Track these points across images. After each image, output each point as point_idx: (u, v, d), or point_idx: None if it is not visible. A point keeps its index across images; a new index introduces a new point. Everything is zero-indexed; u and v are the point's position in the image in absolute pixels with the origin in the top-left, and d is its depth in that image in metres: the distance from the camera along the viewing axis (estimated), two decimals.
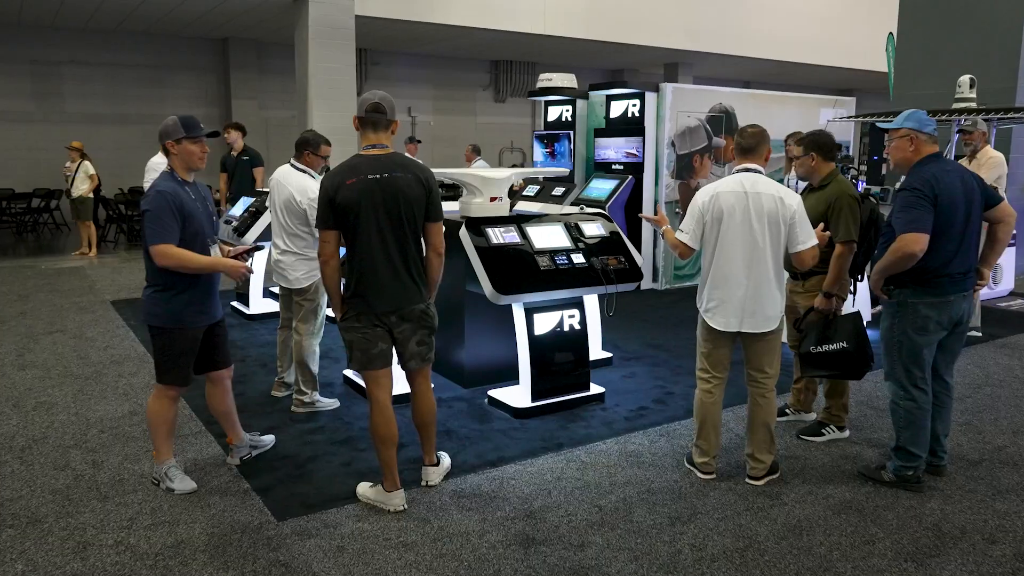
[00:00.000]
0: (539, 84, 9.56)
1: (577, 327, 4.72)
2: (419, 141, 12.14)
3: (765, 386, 3.62)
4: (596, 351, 5.60)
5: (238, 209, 7.20)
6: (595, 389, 4.84)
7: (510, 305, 4.48)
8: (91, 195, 11.31)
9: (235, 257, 3.49)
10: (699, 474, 3.74)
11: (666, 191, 8.67)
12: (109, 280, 9.18)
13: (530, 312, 4.53)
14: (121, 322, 6.99)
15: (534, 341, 4.55)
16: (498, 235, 4.51)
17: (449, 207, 5.76)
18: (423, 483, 3.61)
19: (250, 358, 5.81)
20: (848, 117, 10.05)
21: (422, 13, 13.30)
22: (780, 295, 3.53)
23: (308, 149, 4.55)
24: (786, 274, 3.89)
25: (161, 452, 3.58)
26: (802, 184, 4.35)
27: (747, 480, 3.68)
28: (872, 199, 4.22)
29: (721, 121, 9.00)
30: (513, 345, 4.68)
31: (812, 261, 3.51)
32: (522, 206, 5.99)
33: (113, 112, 15.60)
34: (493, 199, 4.97)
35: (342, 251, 3.24)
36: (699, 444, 3.73)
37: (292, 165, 4.58)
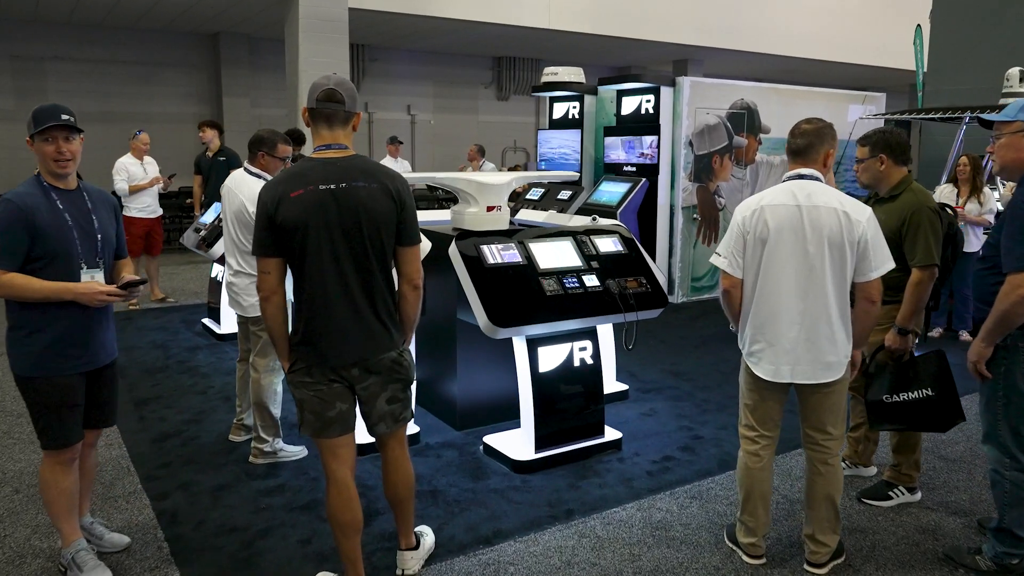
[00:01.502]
0: (544, 79, 8.82)
1: (589, 361, 3.97)
2: (401, 142, 11.40)
3: (827, 450, 2.86)
4: (611, 383, 4.86)
5: (209, 215, 6.47)
6: (610, 434, 4.09)
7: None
8: None
9: (123, 287, 2.69)
10: (745, 557, 2.98)
11: (683, 195, 7.91)
12: None
13: (534, 345, 3.79)
14: None
15: (538, 379, 3.80)
16: (495, 253, 3.76)
17: (441, 216, 5.04)
18: (398, 572, 2.86)
19: (212, 389, 5.07)
20: (896, 113, 9.25)
21: (421, 6, 12.61)
22: (845, 336, 2.77)
23: (263, 149, 3.81)
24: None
25: (64, 533, 2.83)
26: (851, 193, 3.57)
27: (807, 568, 2.92)
28: (948, 211, 3.47)
29: (743, 118, 8.24)
30: (513, 378, 3.93)
31: (880, 294, 2.75)
32: (525, 215, 5.24)
33: (99, 110, 14.92)
34: (490, 208, 4.24)
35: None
36: (744, 520, 2.98)
37: (246, 169, 3.85)
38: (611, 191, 7.96)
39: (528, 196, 8.92)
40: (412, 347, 4.89)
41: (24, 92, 14.17)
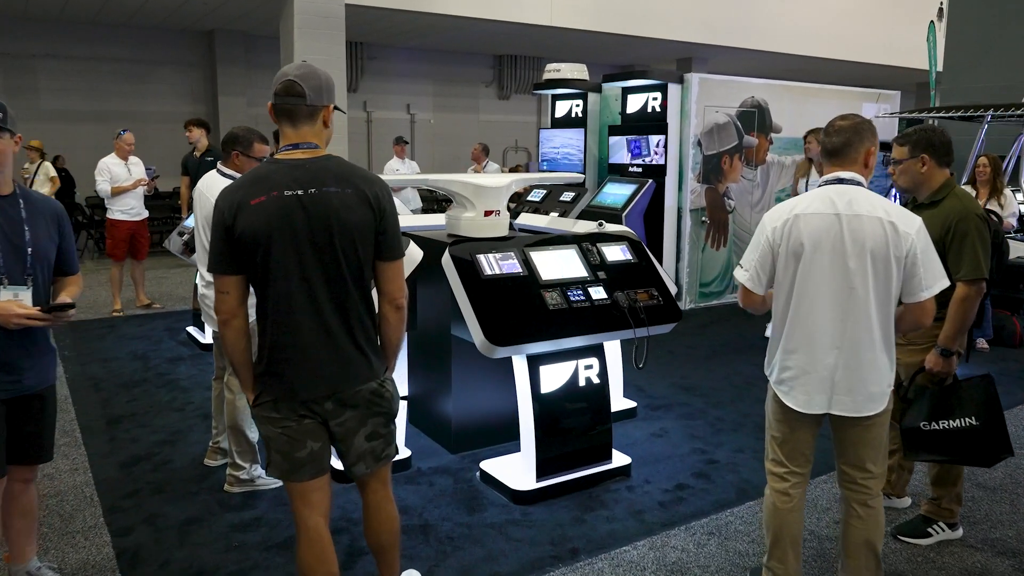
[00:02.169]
0: (546, 75, 8.49)
1: (596, 381, 3.64)
2: (406, 142, 11.06)
3: (867, 490, 2.53)
4: (617, 399, 4.52)
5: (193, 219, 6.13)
6: (618, 459, 3.76)
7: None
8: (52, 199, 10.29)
9: (47, 311, 2.36)
10: None
11: (691, 197, 7.58)
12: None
13: (535, 364, 3.46)
14: None
15: (540, 401, 3.48)
16: (493, 263, 3.43)
17: (435, 221, 4.71)
18: None
19: (191, 406, 4.74)
20: (914, 111, 8.91)
21: (420, 3, 12.29)
22: (889, 363, 2.44)
23: (237, 148, 3.48)
24: None
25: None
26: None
27: None
28: (995, 217, 3.14)
29: (753, 117, 7.91)
30: (512, 395, 3.60)
31: (931, 318, 2.43)
32: (526, 219, 4.92)
33: (91, 109, 14.65)
34: (488, 213, 3.90)
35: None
36: (772, 567, 2.64)
37: (219, 171, 3.52)
38: (616, 193, 7.63)
39: (529, 198, 8.60)
40: (403, 360, 4.60)
41: (14, 91, 13.86)
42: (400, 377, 4.50)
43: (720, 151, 7.72)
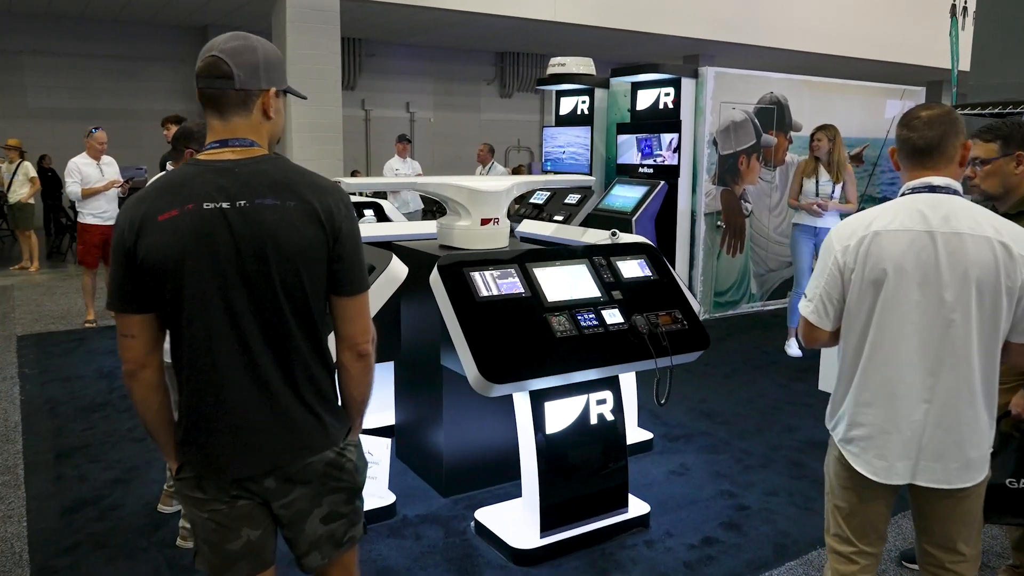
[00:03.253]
0: (550, 70, 7.97)
1: (609, 417, 3.13)
2: (409, 140, 10.54)
3: None
4: (632, 429, 4.01)
5: None
6: (635, 507, 3.24)
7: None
8: (31, 200, 9.82)
9: None
10: None
11: (706, 200, 7.06)
12: (33, 305, 7.63)
13: (540, 399, 2.95)
14: (14, 369, 5.43)
15: (545, 443, 2.97)
16: (489, 283, 2.92)
17: (426, 228, 4.20)
18: None
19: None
20: (954, 107, 8.37)
21: None
22: (990, 421, 1.93)
23: (192, 147, 2.96)
24: None
25: None
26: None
27: None
28: None
29: (772, 114, 7.39)
30: (512, 430, 3.10)
31: None
32: (528, 227, 4.41)
33: (80, 107, 14.22)
34: (486, 222, 3.40)
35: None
36: None
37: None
38: (625, 195, 7.12)
39: (532, 200, 8.09)
40: (388, 384, 4.08)
41: (1, 88, 13.44)
42: (385, 404, 4.00)
43: (737, 151, 7.20)
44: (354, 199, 5.72)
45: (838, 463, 2.04)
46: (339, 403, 1.75)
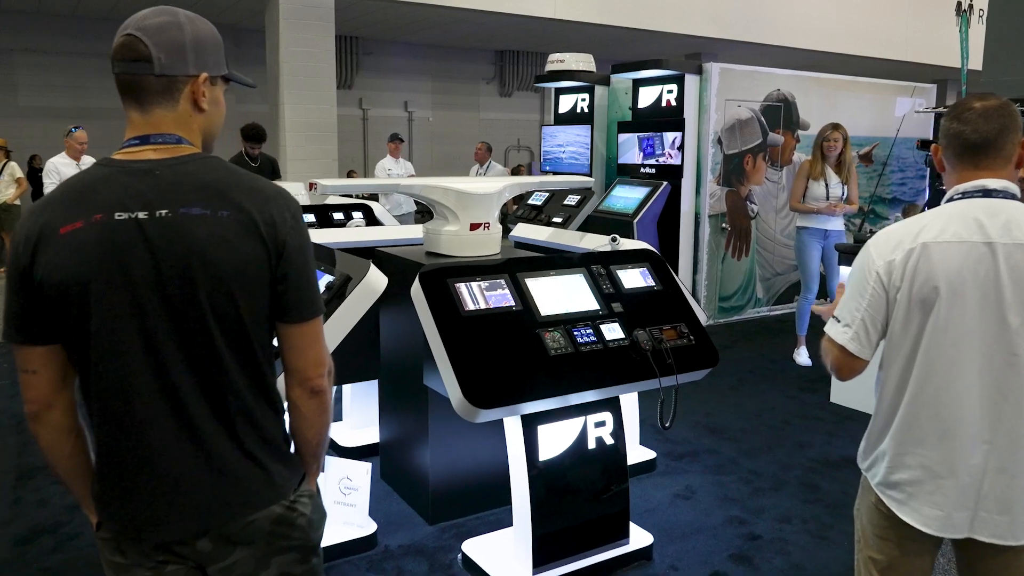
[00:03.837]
0: (549, 67, 7.72)
1: (609, 441, 2.87)
2: (403, 140, 10.26)
3: None
4: (634, 448, 3.75)
5: None
6: (637, 537, 2.98)
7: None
8: (18, 202, 9.57)
9: None
10: None
11: (710, 201, 6.79)
12: None
13: (532, 423, 2.68)
14: None
15: (538, 470, 2.70)
16: (477, 295, 2.65)
17: (415, 232, 3.95)
18: None
19: None
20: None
21: None
22: None
23: None
24: None
25: None
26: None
27: None
28: None
29: (779, 112, 7.12)
30: (504, 451, 2.83)
31: None
32: (523, 231, 4.15)
33: (73, 106, 14.00)
34: (475, 227, 3.14)
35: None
36: None
37: None
38: (626, 196, 6.85)
39: (530, 201, 7.83)
40: (372, 399, 3.81)
41: None
42: (369, 420, 3.73)
43: (742, 150, 6.93)
44: (344, 201, 5.45)
45: (875, 510, 1.77)
46: (290, 448, 1.48)
